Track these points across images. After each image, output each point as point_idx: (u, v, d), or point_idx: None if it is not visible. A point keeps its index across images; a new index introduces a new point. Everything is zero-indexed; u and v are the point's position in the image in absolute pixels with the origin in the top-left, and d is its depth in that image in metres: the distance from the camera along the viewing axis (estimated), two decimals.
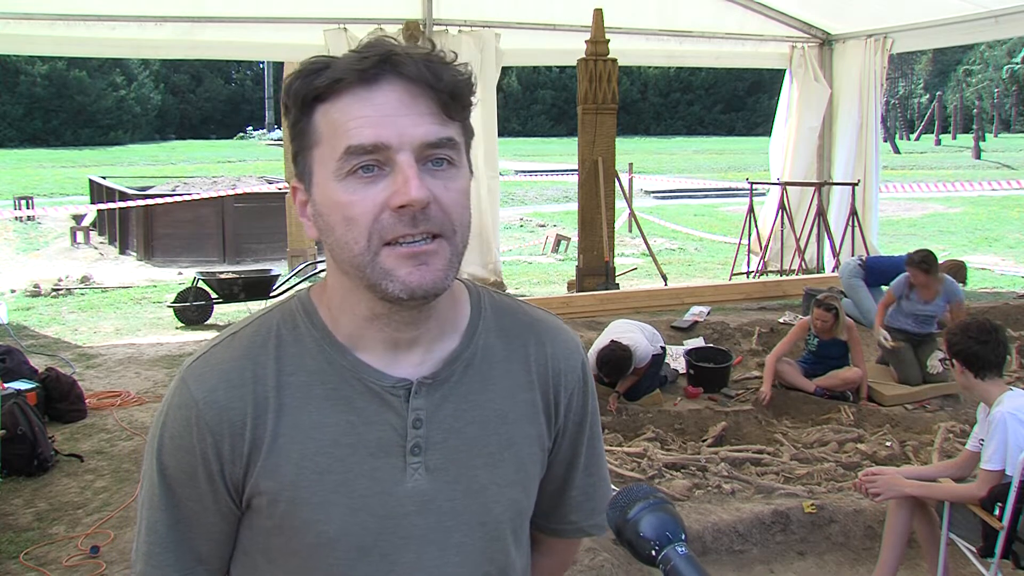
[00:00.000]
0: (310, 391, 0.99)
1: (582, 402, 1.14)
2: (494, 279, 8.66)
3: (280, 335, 1.02)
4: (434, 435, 1.01)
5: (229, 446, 0.98)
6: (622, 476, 4.15)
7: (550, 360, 1.10)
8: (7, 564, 3.58)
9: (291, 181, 1.03)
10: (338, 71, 0.92)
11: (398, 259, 0.92)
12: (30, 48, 10.23)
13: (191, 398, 0.99)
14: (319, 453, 0.98)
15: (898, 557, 3.29)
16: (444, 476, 1.01)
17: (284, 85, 0.98)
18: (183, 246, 12.78)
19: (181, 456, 0.99)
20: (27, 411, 4.52)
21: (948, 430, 4.91)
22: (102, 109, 44.38)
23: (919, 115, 53.11)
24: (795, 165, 9.56)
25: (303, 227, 1.03)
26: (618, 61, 7.85)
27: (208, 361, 1.01)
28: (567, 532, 1.20)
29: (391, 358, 1.01)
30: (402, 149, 0.91)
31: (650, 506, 0.91)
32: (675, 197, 21.92)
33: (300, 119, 0.96)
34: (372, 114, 0.91)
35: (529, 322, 1.12)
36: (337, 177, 0.93)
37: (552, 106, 52.82)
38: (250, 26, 8.04)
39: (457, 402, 1.03)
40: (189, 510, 1.01)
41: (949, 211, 18.50)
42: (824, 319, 5.48)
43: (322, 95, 0.93)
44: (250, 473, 0.98)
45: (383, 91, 0.92)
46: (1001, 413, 2.96)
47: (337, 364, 1.00)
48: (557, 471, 1.15)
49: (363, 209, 0.92)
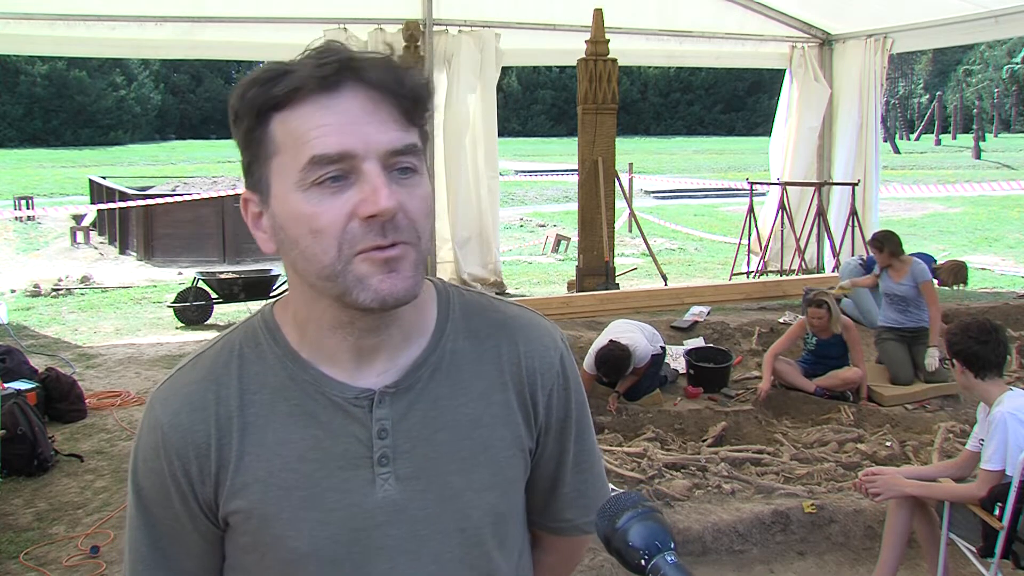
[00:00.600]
0: (274, 408, 0.99)
1: (564, 399, 1.11)
2: (494, 279, 8.67)
3: (242, 354, 1.01)
4: (402, 444, 0.99)
5: (197, 468, 0.98)
6: (622, 476, 4.15)
7: (523, 359, 1.07)
8: (7, 564, 3.58)
9: (242, 193, 0.99)
10: (297, 79, 0.89)
11: (371, 266, 0.90)
12: (30, 48, 10.23)
13: (157, 421, 0.99)
14: (285, 469, 0.97)
15: (898, 557, 3.29)
16: (415, 485, 1.00)
17: (236, 93, 0.94)
18: (183, 246, 12.78)
19: (153, 479, 1.00)
20: (27, 411, 4.52)
21: (948, 430, 4.91)
22: (102, 109, 44.42)
23: (919, 115, 53.13)
24: (795, 165, 9.56)
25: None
26: (618, 61, 7.84)
27: (173, 385, 1.02)
28: (565, 530, 1.18)
29: (355, 369, 1.00)
30: (368, 157, 0.89)
31: (639, 515, 0.90)
32: (675, 197, 21.92)
33: (255, 128, 0.92)
34: (335, 122, 0.89)
35: (501, 320, 1.09)
36: (300, 188, 0.90)
37: (552, 106, 52.86)
38: (250, 26, 8.04)
39: (425, 409, 1.01)
40: (168, 529, 1.01)
41: (949, 211, 18.51)
42: (818, 316, 5.48)
43: (279, 103, 0.90)
44: (220, 493, 0.98)
45: (344, 98, 0.90)
46: (1001, 413, 2.96)
47: (299, 379, 0.99)
48: (546, 470, 1.13)
49: (330, 220, 0.89)
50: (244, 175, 0.97)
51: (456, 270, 8.48)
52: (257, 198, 0.96)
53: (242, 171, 0.97)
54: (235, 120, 0.94)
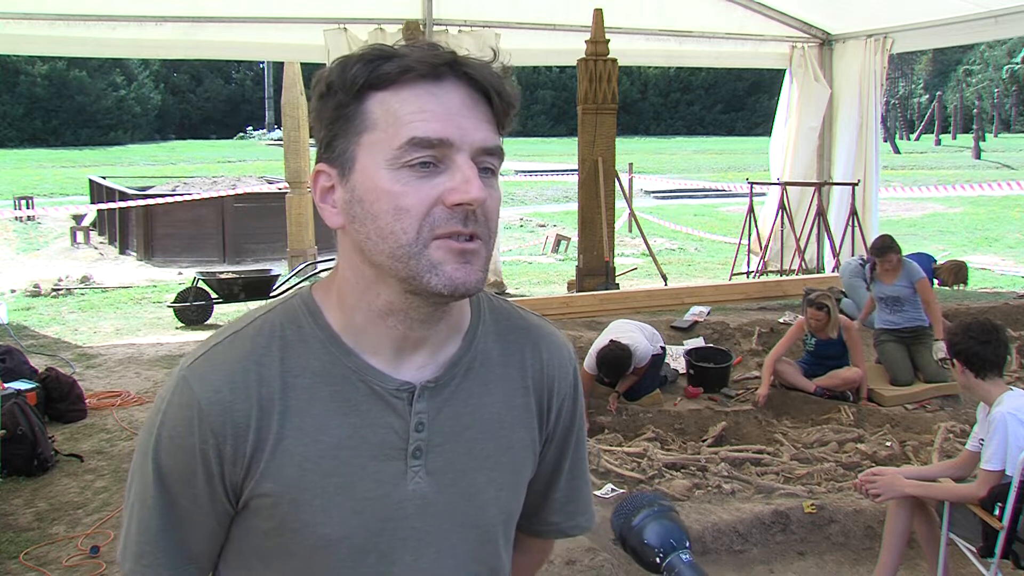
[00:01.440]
0: (315, 392, 0.99)
1: (572, 409, 1.16)
2: (494, 279, 8.67)
3: (284, 335, 1.00)
4: (435, 439, 1.01)
5: (231, 447, 0.96)
6: (622, 476, 4.15)
7: (545, 366, 1.12)
8: (7, 564, 3.59)
9: (316, 166, 1.00)
10: (409, 62, 0.92)
11: (448, 253, 0.92)
12: (30, 48, 10.22)
13: (193, 398, 0.97)
14: (323, 455, 0.97)
15: (898, 557, 3.29)
16: (443, 479, 1.02)
17: (335, 68, 0.95)
18: (183, 246, 12.78)
19: (180, 456, 0.97)
20: (27, 411, 4.52)
21: (948, 430, 4.91)
22: (102, 109, 44.38)
23: (919, 115, 53.14)
24: (795, 165, 9.55)
25: (302, 226, 1.01)
26: (618, 61, 7.84)
27: (211, 360, 0.99)
28: (547, 533, 1.22)
29: (396, 360, 1.01)
30: (462, 149, 0.92)
31: (654, 513, 0.91)
32: (675, 197, 21.92)
33: (348, 103, 0.94)
34: (438, 109, 0.92)
35: (525, 327, 1.13)
36: (391, 166, 0.92)
37: (552, 106, 52.81)
38: (250, 26, 8.04)
39: (457, 406, 1.03)
40: (184, 510, 0.99)
41: (949, 211, 18.51)
42: (817, 318, 5.49)
43: (384, 82, 0.93)
44: (251, 475, 0.97)
45: (448, 90, 0.93)
46: (1001, 413, 2.96)
47: (342, 365, 1.00)
48: (543, 474, 1.16)
49: (417, 200, 0.91)
50: (321, 149, 0.98)
51: None
52: (335, 171, 0.97)
53: (319, 146, 0.99)
54: (325, 93, 0.96)
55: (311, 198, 1.13)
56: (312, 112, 0.99)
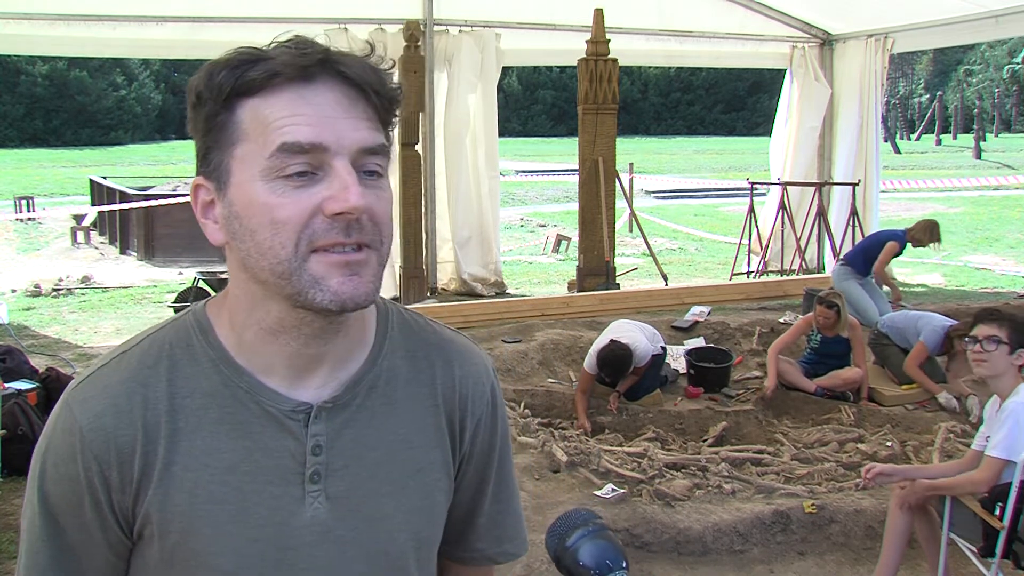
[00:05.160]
0: (205, 415, 0.93)
1: (490, 429, 1.08)
2: (494, 279, 8.66)
3: (173, 354, 0.95)
4: (335, 462, 0.95)
5: (117, 474, 0.91)
6: (622, 476, 4.15)
7: (458, 384, 1.05)
8: (7, 564, 3.58)
9: (194, 180, 0.94)
10: (276, 65, 0.86)
11: (329, 267, 0.86)
12: (30, 48, 10.23)
13: (75, 424, 0.91)
14: (213, 481, 0.92)
15: (898, 557, 3.29)
16: (345, 505, 0.96)
17: (202, 75, 0.89)
18: (183, 246, 12.76)
19: (65, 484, 0.92)
20: (27, 411, 4.52)
21: (948, 430, 4.91)
22: (102, 109, 44.40)
23: (919, 115, 53.14)
24: (795, 165, 9.56)
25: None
26: (618, 61, 7.85)
27: (95, 383, 0.93)
28: (474, 560, 1.14)
29: (292, 380, 0.95)
30: (339, 153, 0.86)
31: (589, 533, 0.89)
32: (675, 197, 21.92)
33: (219, 112, 0.88)
34: (310, 113, 0.86)
35: (437, 342, 1.06)
36: (266, 177, 0.86)
37: (552, 106, 52.84)
38: (250, 26, 8.03)
39: (360, 427, 0.97)
40: (74, 540, 0.93)
41: (949, 211, 18.49)
42: (826, 316, 5.49)
43: (251, 89, 0.87)
44: (140, 502, 0.92)
45: (321, 91, 0.87)
46: (1017, 403, 2.99)
47: (233, 385, 0.94)
48: (463, 498, 1.09)
49: (293, 212, 0.85)
50: (199, 161, 0.92)
51: (456, 270, 8.48)
52: (212, 185, 0.91)
53: (196, 157, 0.93)
54: (196, 103, 0.90)
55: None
56: (188, 123, 0.93)
